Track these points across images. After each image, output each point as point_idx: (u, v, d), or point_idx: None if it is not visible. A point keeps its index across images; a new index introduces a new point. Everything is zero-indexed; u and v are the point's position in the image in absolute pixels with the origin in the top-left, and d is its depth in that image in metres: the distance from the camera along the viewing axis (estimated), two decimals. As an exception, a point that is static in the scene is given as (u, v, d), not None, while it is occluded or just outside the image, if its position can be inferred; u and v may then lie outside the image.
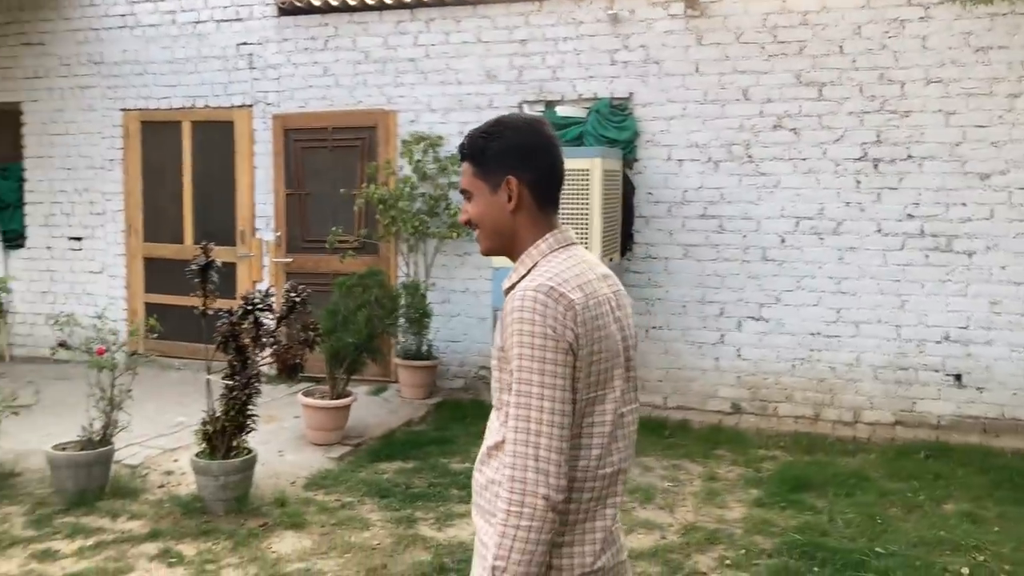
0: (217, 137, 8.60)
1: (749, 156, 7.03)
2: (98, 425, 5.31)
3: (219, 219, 8.60)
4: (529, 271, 1.90)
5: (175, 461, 5.88)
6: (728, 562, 4.47)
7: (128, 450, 5.96)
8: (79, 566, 4.38)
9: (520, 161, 1.96)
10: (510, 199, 1.95)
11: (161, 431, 6.51)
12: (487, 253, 2.04)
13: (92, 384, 5.24)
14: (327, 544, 4.67)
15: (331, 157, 8.16)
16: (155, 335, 5.42)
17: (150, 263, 8.96)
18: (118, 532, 4.82)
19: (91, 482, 5.21)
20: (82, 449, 5.25)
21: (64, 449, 5.25)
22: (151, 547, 4.62)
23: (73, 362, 8.02)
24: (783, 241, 6.99)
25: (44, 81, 9.17)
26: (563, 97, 7.45)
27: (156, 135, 8.83)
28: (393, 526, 4.92)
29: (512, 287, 1.91)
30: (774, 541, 4.71)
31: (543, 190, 1.98)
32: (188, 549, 4.58)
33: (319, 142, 8.20)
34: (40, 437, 5.72)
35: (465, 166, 2.01)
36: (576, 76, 7.43)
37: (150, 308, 8.82)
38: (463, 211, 2.04)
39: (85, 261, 9.17)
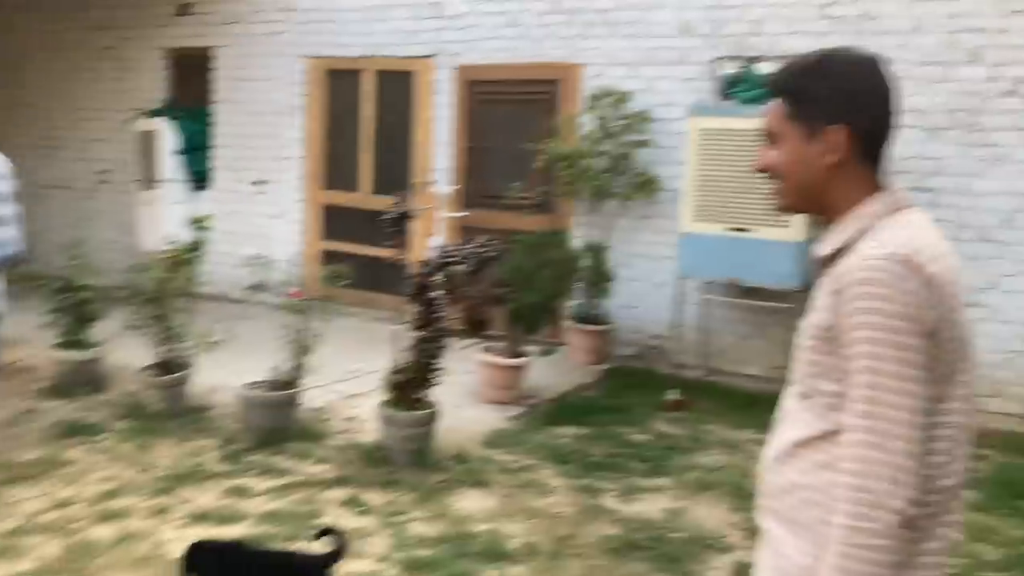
0: (398, 87, 8.58)
1: (975, 124, 6.35)
2: (287, 367, 5.37)
3: (396, 170, 8.61)
4: (861, 236, 1.61)
5: (355, 408, 5.91)
6: (951, 571, 4.04)
7: (310, 393, 6.03)
8: (272, 505, 4.43)
9: (849, 107, 1.65)
10: (831, 151, 1.66)
11: (339, 377, 6.57)
12: (787, 209, 1.76)
13: (283, 326, 5.30)
14: (511, 507, 4.55)
15: (511, 111, 7.98)
16: (343, 282, 5.40)
17: (327, 210, 9.11)
18: (306, 475, 4.86)
19: (279, 422, 5.29)
20: (272, 390, 5.33)
21: (255, 387, 5.35)
22: (339, 493, 4.63)
23: (252, 303, 8.29)
24: (1007, 221, 6.31)
25: (236, 27, 9.40)
26: (764, 54, 6.95)
27: (339, 83, 8.90)
28: (575, 494, 4.75)
29: (834, 255, 1.62)
30: (1000, 552, 4.24)
31: (873, 143, 1.67)
32: (374, 498, 4.56)
33: (500, 95, 8.03)
34: (228, 374, 5.87)
35: (775, 104, 1.72)
36: (779, 31, 6.91)
37: (326, 255, 8.98)
38: (761, 156, 1.75)
39: (266, 205, 9.42)
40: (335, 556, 3.36)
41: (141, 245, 9.56)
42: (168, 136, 9.64)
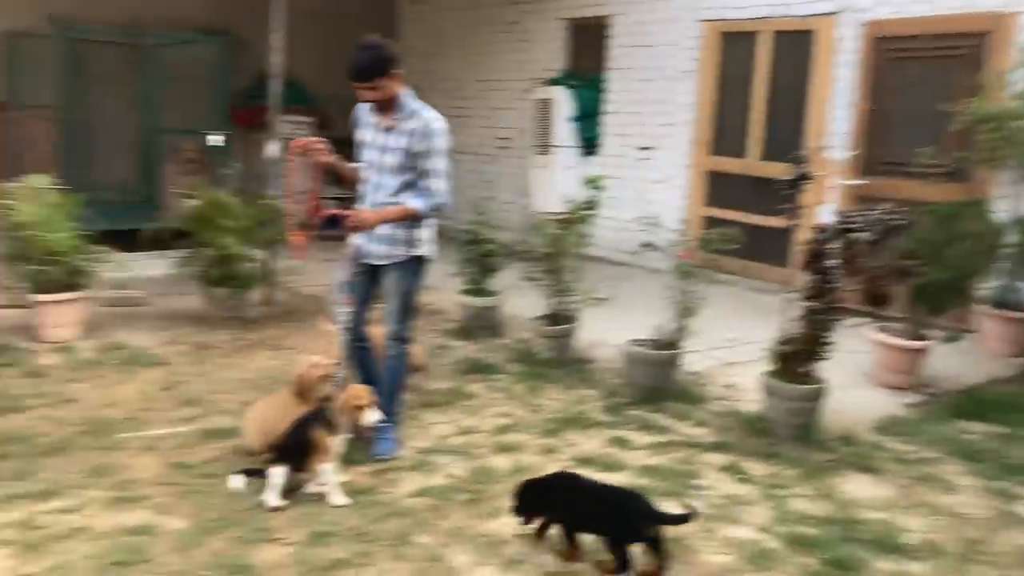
0: (794, 48, 8.17)
1: None
2: (670, 328, 5.41)
3: (787, 135, 8.24)
4: None
5: (733, 376, 5.80)
6: None
7: (689, 357, 6.03)
8: (651, 460, 4.50)
9: None
10: None
11: (716, 344, 6.49)
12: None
13: (666, 288, 5.34)
14: (909, 499, 4.17)
15: (924, 68, 7.22)
16: (732, 246, 5.28)
17: (712, 176, 9.00)
18: (684, 436, 4.87)
19: (659, 381, 5.36)
20: (655, 349, 5.41)
21: (639, 346, 5.46)
22: (717, 458, 4.57)
23: (633, 266, 8.47)
24: None
25: (633, -6, 9.58)
26: None
27: (732, 46, 8.70)
28: (988, 497, 4.22)
29: None
30: None
31: None
32: (755, 468, 4.44)
33: (914, 52, 7.29)
34: (610, 330, 6.05)
35: None
36: None
37: (708, 221, 8.89)
38: None
39: (650, 170, 9.55)
40: (673, 518, 3.33)
41: (535, 206, 10.21)
42: (563, 103, 10.14)
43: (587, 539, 3.49)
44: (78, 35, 9.64)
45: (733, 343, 6.49)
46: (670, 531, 3.44)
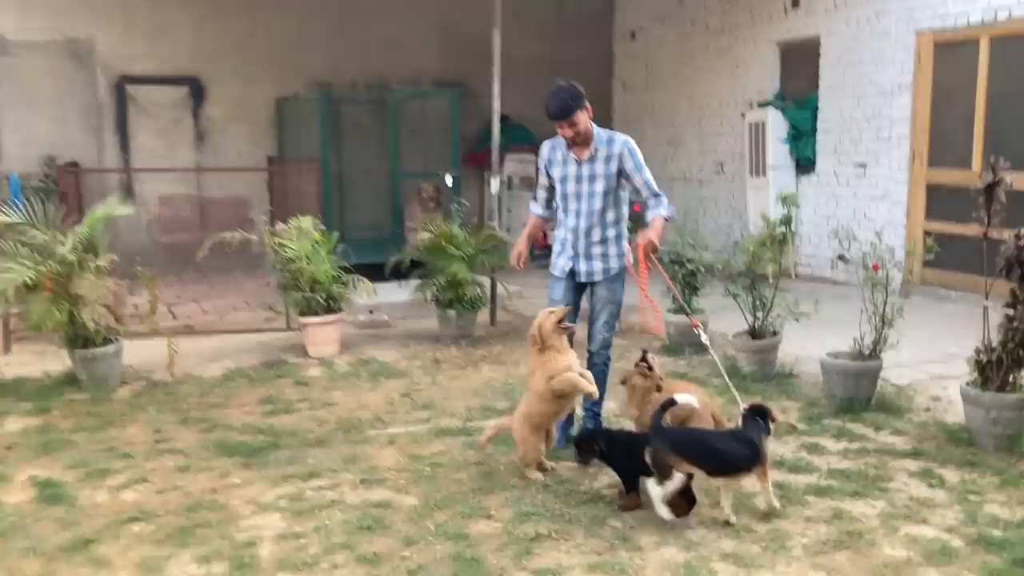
0: (1015, 52, 7.84)
1: None
2: (868, 340, 5.49)
3: (1016, 142, 7.88)
4: None
5: (943, 388, 5.75)
6: None
7: (896, 371, 6.03)
8: (842, 464, 4.66)
9: None
10: None
11: (931, 357, 6.41)
12: None
13: (865, 300, 5.43)
14: (1117, 509, 4.05)
15: None
16: (930, 256, 5.30)
17: (932, 190, 8.75)
18: (880, 443, 4.96)
19: (858, 392, 5.45)
20: (852, 360, 5.51)
21: (836, 358, 5.58)
22: (911, 464, 4.65)
23: (850, 284, 8.42)
24: None
25: (844, 11, 9.55)
26: None
27: (948, 56, 8.47)
28: None
29: None
30: None
31: None
32: (950, 475, 4.47)
33: None
34: (815, 345, 6.16)
35: None
36: None
37: (930, 236, 8.64)
38: None
39: (868, 187, 9.41)
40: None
41: (749, 227, 10.35)
42: (776, 125, 10.24)
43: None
44: (335, 96, 11.10)
45: (950, 358, 6.36)
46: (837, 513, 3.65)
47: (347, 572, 3.68)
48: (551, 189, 4.94)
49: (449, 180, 10.03)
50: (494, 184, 8.50)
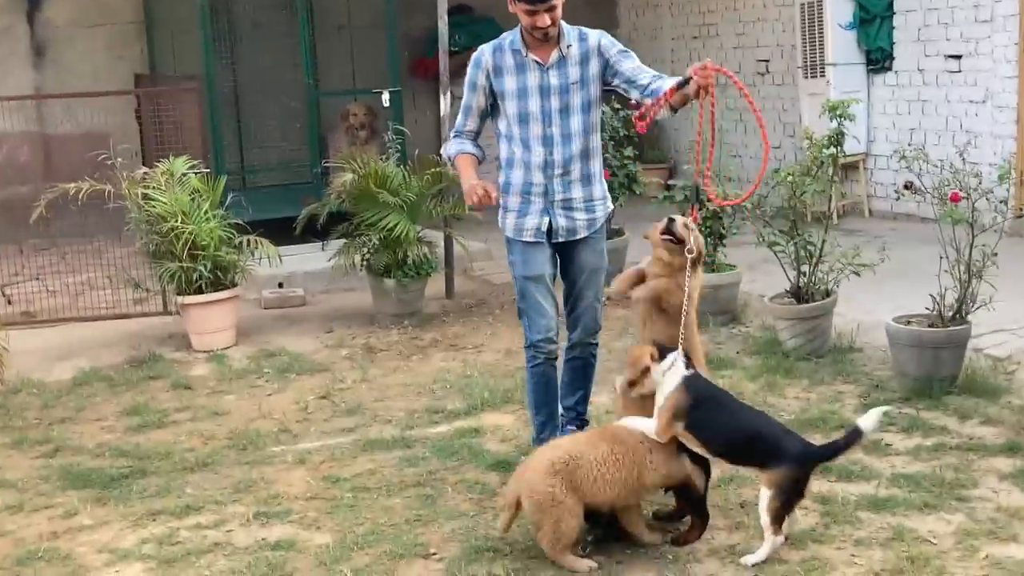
0: None
1: None
2: (950, 298, 5.60)
3: None
4: None
5: (1055, 361, 5.88)
6: None
7: (993, 337, 6.17)
8: (911, 468, 4.79)
9: None
10: None
11: (1040, 319, 6.53)
12: None
13: (945, 244, 5.53)
14: None
15: None
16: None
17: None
18: (964, 437, 5.09)
19: (938, 368, 5.57)
20: (929, 326, 5.62)
21: (908, 324, 5.69)
22: (1004, 463, 4.78)
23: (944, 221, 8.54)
24: None
25: None
26: None
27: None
28: None
29: None
30: None
31: None
32: (1056, 475, 4.60)
33: None
34: (887, 308, 6.28)
35: None
36: None
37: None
38: None
39: (964, 87, 9.49)
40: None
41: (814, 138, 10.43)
42: (838, 5, 10.27)
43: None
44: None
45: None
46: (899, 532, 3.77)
47: (231, 637, 3.79)
48: (483, 119, 4.91)
49: (386, 99, 10.05)
50: (444, 102, 8.55)
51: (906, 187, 5.86)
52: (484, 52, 4.80)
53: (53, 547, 4.52)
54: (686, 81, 4.32)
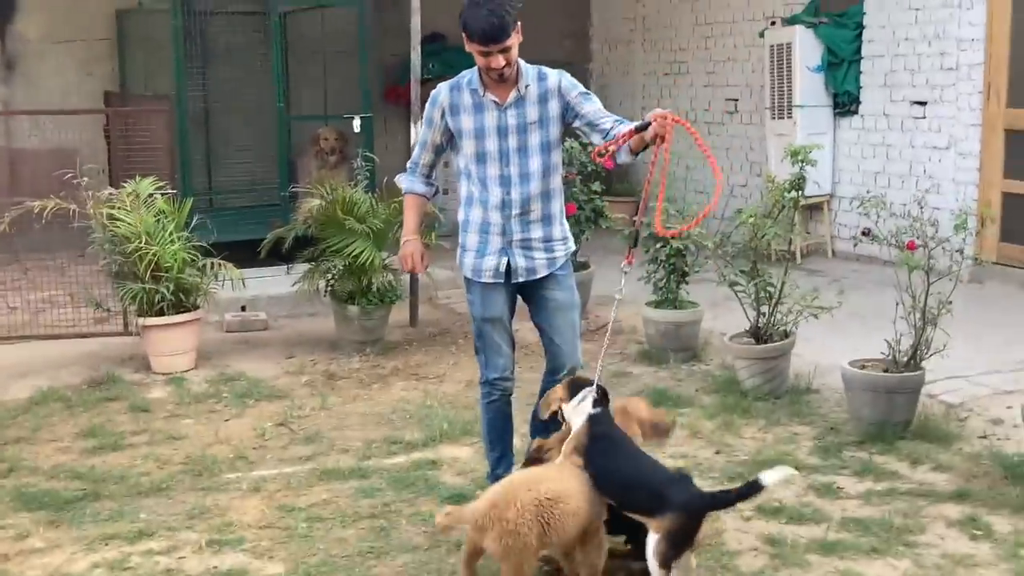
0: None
1: None
2: (906, 344, 5.69)
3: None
4: None
5: (1008, 408, 5.96)
6: None
7: (947, 383, 6.27)
8: (861, 512, 4.86)
9: None
10: None
11: (997, 367, 6.63)
12: None
13: (901, 290, 5.63)
14: None
15: None
16: (994, 223, 5.50)
17: (1014, 137, 8.99)
18: (915, 483, 5.17)
19: (892, 413, 5.66)
20: (884, 371, 5.71)
21: (863, 368, 5.78)
22: (952, 509, 4.85)
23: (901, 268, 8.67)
24: None
25: None
26: None
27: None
28: None
29: None
30: None
31: None
32: (1000, 524, 4.67)
33: None
34: (846, 350, 6.35)
35: None
36: None
37: (1011, 201, 8.89)
38: None
39: (929, 133, 9.65)
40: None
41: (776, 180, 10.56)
42: (806, 48, 10.43)
43: None
44: (198, 6, 11.09)
45: (1022, 366, 6.61)
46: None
47: (178, 667, 3.80)
48: (438, 153, 4.94)
49: (357, 124, 10.11)
50: (414, 131, 8.60)
51: (864, 234, 5.96)
52: (441, 91, 4.81)
53: (3, 570, 4.51)
54: (646, 125, 4.37)
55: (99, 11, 11.82)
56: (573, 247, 5.00)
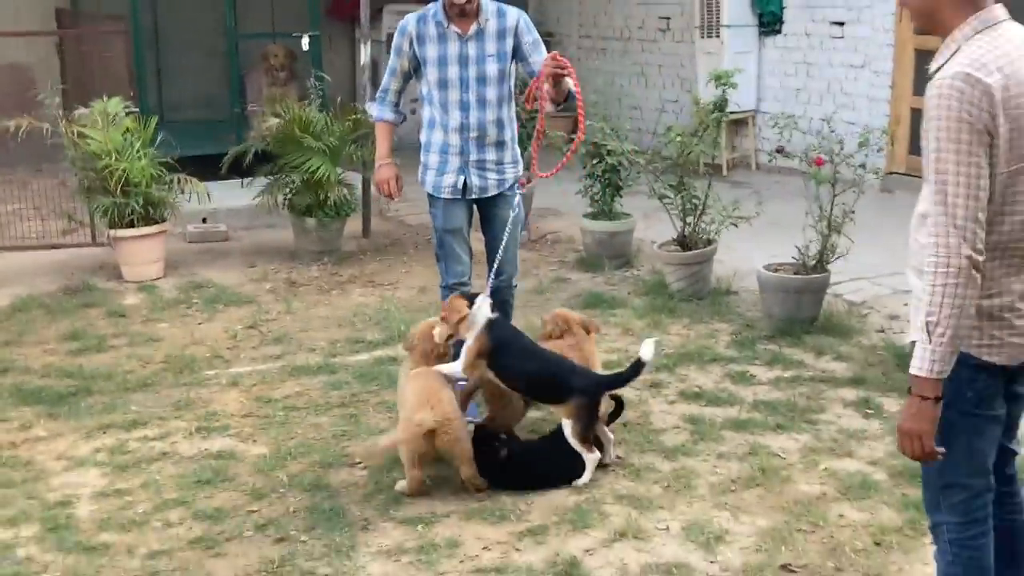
0: None
1: None
2: (814, 249, 6.35)
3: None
4: (953, 55, 2.78)
5: (905, 305, 6.64)
6: None
7: (852, 284, 6.96)
8: (770, 395, 5.55)
9: None
10: None
11: (899, 268, 7.27)
12: (917, 32, 2.89)
13: (811, 201, 6.27)
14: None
15: None
16: (881, 143, 6.13)
17: (923, 57, 9.60)
18: (818, 370, 5.87)
19: (800, 311, 6.34)
20: (795, 273, 6.38)
21: (776, 271, 6.44)
22: (849, 392, 5.56)
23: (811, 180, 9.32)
24: None
25: None
26: None
27: None
28: None
29: (936, 72, 2.78)
30: None
31: None
32: (890, 404, 5.38)
33: None
34: (764, 256, 7.00)
35: None
36: None
37: (919, 116, 9.53)
38: None
39: (846, 52, 10.26)
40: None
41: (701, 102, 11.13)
42: (734, -30, 10.94)
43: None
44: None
45: (921, 268, 7.30)
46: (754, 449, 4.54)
47: (183, 530, 4.40)
48: (406, 80, 5.44)
49: (306, 43, 10.48)
50: (364, 52, 9.04)
51: (777, 151, 6.56)
52: (409, 21, 5.30)
53: (14, 455, 5.06)
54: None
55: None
56: (521, 170, 5.55)
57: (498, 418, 5.00)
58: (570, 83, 5.01)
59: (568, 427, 4.64)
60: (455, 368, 4.78)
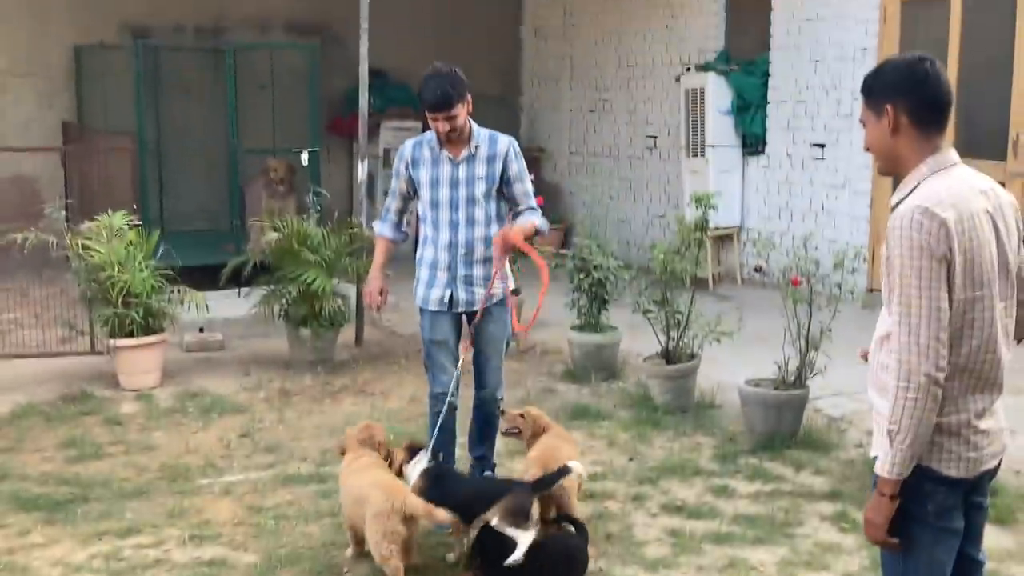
0: (995, 15, 9.05)
1: None
2: (793, 365, 6.53)
3: (993, 117, 9.07)
4: (912, 190, 3.09)
5: (881, 421, 6.82)
6: None
7: (831, 400, 7.11)
8: (750, 509, 5.67)
9: (896, 92, 3.11)
10: (890, 125, 3.12)
11: (876, 384, 7.48)
12: (882, 173, 3.36)
13: (789, 318, 6.47)
14: (1031, 551, 5.14)
15: None
16: (855, 263, 6.35)
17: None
18: (797, 484, 6.00)
19: (781, 425, 6.49)
20: (775, 389, 6.54)
21: (757, 386, 6.61)
22: (826, 506, 5.68)
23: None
24: None
25: (798, -43, 10.71)
26: None
27: (918, 17, 9.66)
28: None
29: (897, 205, 3.10)
30: None
31: (922, 117, 3.10)
32: (866, 518, 5.50)
33: None
34: (748, 370, 7.15)
35: (861, 102, 3.25)
36: None
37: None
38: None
39: (827, 172, 10.57)
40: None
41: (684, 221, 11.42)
42: (717, 93, 11.32)
43: None
44: (154, 44, 11.73)
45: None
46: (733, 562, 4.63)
47: (175, 637, 4.47)
48: (406, 200, 5.73)
49: (305, 158, 10.77)
50: (362, 168, 9.31)
51: (756, 270, 6.80)
52: (407, 146, 5.66)
53: (11, 561, 5.14)
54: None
55: (58, 47, 12.38)
56: (510, 284, 5.77)
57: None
58: (535, 226, 5.55)
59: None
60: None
